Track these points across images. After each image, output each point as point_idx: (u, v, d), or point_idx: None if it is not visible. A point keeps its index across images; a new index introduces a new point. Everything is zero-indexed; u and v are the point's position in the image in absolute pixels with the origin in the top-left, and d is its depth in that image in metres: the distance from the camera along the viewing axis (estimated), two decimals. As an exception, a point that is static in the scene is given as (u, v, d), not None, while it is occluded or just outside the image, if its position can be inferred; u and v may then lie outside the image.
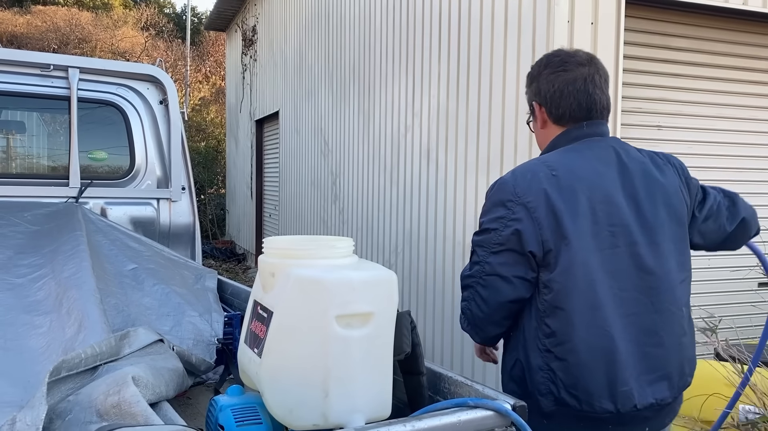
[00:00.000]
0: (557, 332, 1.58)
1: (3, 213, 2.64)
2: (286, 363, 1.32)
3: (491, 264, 1.62)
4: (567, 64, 1.76)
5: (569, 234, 1.58)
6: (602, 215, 1.62)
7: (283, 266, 1.36)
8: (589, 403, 1.56)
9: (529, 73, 1.88)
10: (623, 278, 1.61)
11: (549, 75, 1.77)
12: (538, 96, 1.80)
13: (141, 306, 2.36)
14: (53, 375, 1.22)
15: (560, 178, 1.63)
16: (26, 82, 2.89)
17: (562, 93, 1.74)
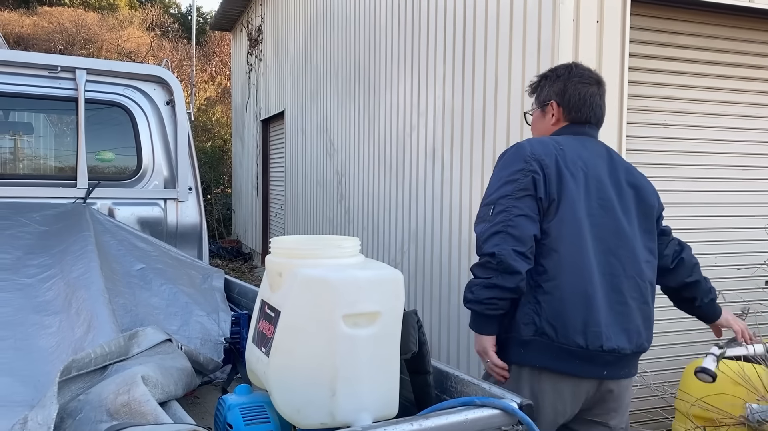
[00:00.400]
0: (549, 270, 1.87)
1: (12, 214, 2.66)
2: (294, 363, 1.32)
3: (518, 207, 1.87)
4: (591, 79, 2.15)
5: (569, 194, 1.90)
6: (594, 189, 1.95)
7: (291, 266, 1.37)
8: (564, 335, 1.84)
9: (548, 75, 2.20)
10: (604, 242, 1.92)
11: (578, 84, 2.12)
12: (560, 97, 2.13)
13: (149, 306, 2.38)
14: (64, 374, 1.23)
15: (566, 152, 1.97)
16: (34, 83, 2.90)
17: (585, 101, 2.11)
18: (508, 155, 2.00)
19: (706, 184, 3.85)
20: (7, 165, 3.21)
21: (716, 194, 3.88)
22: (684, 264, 2.27)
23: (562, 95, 2.13)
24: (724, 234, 3.91)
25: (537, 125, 2.23)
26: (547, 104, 2.16)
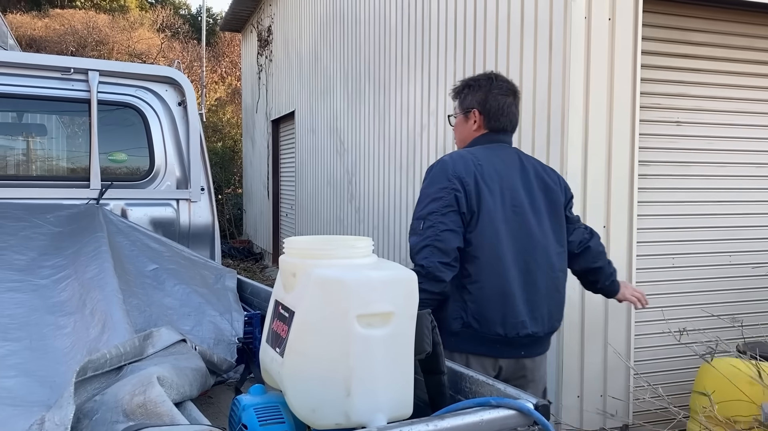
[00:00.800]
0: (472, 274, 2.18)
1: (26, 215, 2.67)
2: (308, 363, 1.32)
3: (444, 223, 2.16)
4: (509, 90, 2.42)
5: (486, 206, 2.20)
6: (508, 198, 2.25)
7: (304, 266, 1.37)
8: (486, 327, 2.18)
9: (471, 84, 2.45)
10: (519, 243, 2.24)
11: (498, 94, 2.39)
12: (481, 105, 2.39)
13: (162, 306, 2.39)
14: (80, 375, 1.24)
15: (483, 168, 2.24)
16: (47, 85, 2.92)
17: (503, 111, 2.39)
18: (434, 173, 2.26)
19: (720, 182, 3.82)
20: (21, 166, 3.23)
21: (730, 192, 3.85)
22: (590, 251, 2.54)
23: (483, 104, 2.40)
24: (738, 232, 3.88)
25: (459, 129, 2.51)
26: (470, 111, 2.43)
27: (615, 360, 3.45)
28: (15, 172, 3.17)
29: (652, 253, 3.66)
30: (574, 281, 3.33)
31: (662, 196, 3.69)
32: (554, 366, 3.37)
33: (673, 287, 3.74)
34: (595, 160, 3.34)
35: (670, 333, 3.72)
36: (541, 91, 3.48)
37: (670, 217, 3.72)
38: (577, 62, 3.30)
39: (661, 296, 3.68)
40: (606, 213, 3.38)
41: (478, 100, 2.40)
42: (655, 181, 3.65)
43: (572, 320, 3.34)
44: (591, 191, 3.34)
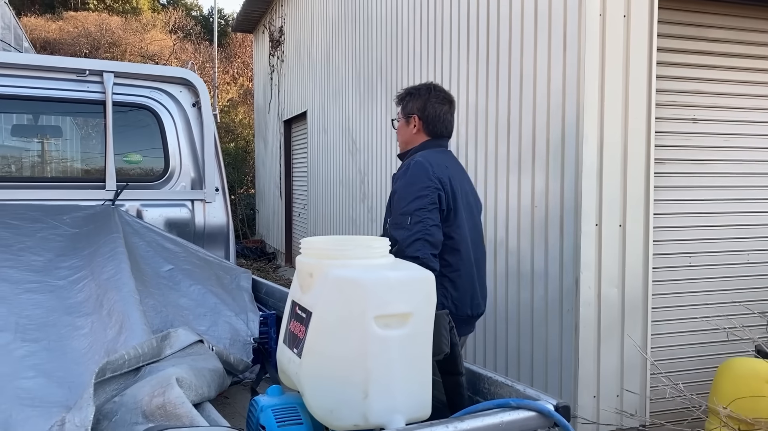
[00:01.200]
0: (453, 264, 2.48)
1: (42, 216, 2.69)
2: (326, 364, 1.32)
3: (431, 218, 2.40)
4: (445, 99, 2.71)
5: (458, 204, 2.52)
6: (463, 197, 2.57)
7: (321, 266, 1.36)
8: (462, 310, 2.50)
9: (412, 92, 2.74)
10: (473, 236, 2.61)
11: (435, 103, 2.67)
12: (421, 112, 2.67)
13: (178, 307, 2.40)
14: (98, 376, 1.24)
15: (450, 170, 2.56)
16: (62, 87, 2.94)
17: (440, 118, 2.67)
18: (414, 172, 2.49)
19: (737, 180, 3.78)
20: (37, 168, 3.25)
21: (747, 190, 3.80)
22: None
23: (422, 111, 2.68)
24: (756, 230, 3.83)
25: (401, 132, 2.79)
26: (411, 116, 2.71)
27: (632, 360, 3.42)
28: (31, 174, 3.19)
29: (669, 252, 3.63)
30: (591, 281, 3.32)
31: (679, 194, 3.65)
32: (570, 366, 3.35)
33: (689, 286, 3.70)
34: (610, 158, 3.31)
35: (685, 334, 3.69)
36: (556, 89, 3.46)
37: (686, 216, 3.68)
38: (592, 60, 3.27)
39: (678, 295, 3.65)
40: (622, 212, 3.35)
41: (418, 106, 2.70)
42: (672, 179, 3.62)
43: (588, 319, 3.32)
44: (606, 190, 3.31)
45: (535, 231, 3.63)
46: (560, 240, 3.42)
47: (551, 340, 3.51)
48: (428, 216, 2.39)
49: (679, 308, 3.66)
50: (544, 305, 3.55)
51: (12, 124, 3.19)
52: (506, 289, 3.90)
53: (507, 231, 3.89)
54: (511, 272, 3.86)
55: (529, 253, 3.68)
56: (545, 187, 3.54)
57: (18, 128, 3.23)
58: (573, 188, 3.32)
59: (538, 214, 3.61)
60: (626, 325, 3.42)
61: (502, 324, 3.92)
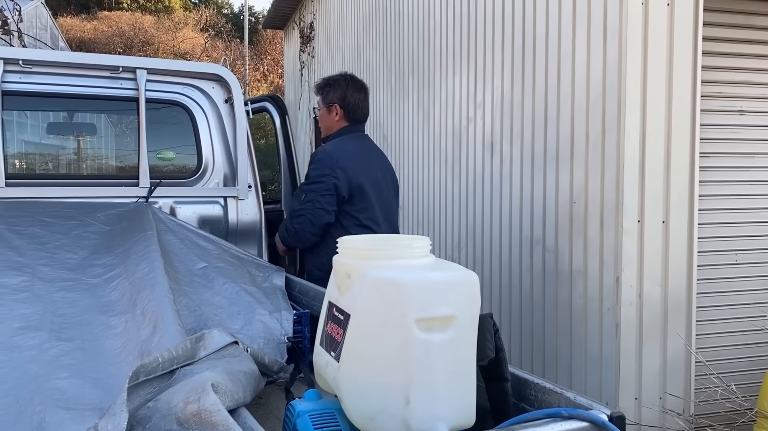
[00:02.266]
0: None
1: (77, 214, 2.69)
2: (366, 368, 1.26)
3: (320, 202, 2.89)
4: (362, 88, 3.23)
5: (365, 186, 2.96)
6: (372, 179, 3.01)
7: (359, 267, 1.31)
8: None
9: (332, 83, 3.17)
10: (384, 212, 3.10)
11: (354, 92, 3.16)
12: (342, 101, 3.12)
13: (212, 305, 2.37)
14: (132, 380, 1.21)
15: (357, 158, 2.98)
16: (96, 84, 2.93)
17: (358, 105, 3.15)
18: (319, 158, 2.98)
19: (787, 174, 3.62)
20: (72, 165, 3.26)
21: (798, 185, 3.64)
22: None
23: (343, 100, 3.10)
24: (807, 227, 3.67)
25: (324, 119, 3.17)
26: (333, 105, 3.11)
27: (675, 361, 3.31)
28: (66, 171, 3.21)
29: (714, 249, 3.49)
30: (632, 280, 3.21)
31: (725, 189, 3.52)
32: (611, 368, 3.24)
33: (736, 285, 3.56)
34: (653, 152, 3.19)
35: (733, 334, 3.55)
36: (596, 81, 3.34)
37: (733, 212, 3.54)
38: (634, 50, 3.15)
39: (724, 294, 3.52)
40: (665, 207, 3.23)
41: (339, 96, 3.10)
42: (717, 174, 3.48)
43: (629, 319, 3.21)
44: (649, 185, 3.19)
45: (574, 227, 3.52)
46: (600, 237, 3.31)
47: (590, 340, 3.40)
48: (318, 199, 2.90)
49: (726, 308, 3.52)
50: (583, 304, 3.45)
51: (47, 121, 3.21)
52: (543, 287, 3.80)
53: (544, 227, 3.79)
54: (549, 270, 3.76)
55: (567, 251, 3.58)
56: (584, 182, 3.43)
57: (52, 126, 3.24)
58: (614, 183, 3.21)
59: (576, 209, 3.50)
60: (669, 325, 3.30)
61: (539, 323, 3.83)
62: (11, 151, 3.04)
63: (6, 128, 2.90)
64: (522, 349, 4.02)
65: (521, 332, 4.03)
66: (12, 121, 3.07)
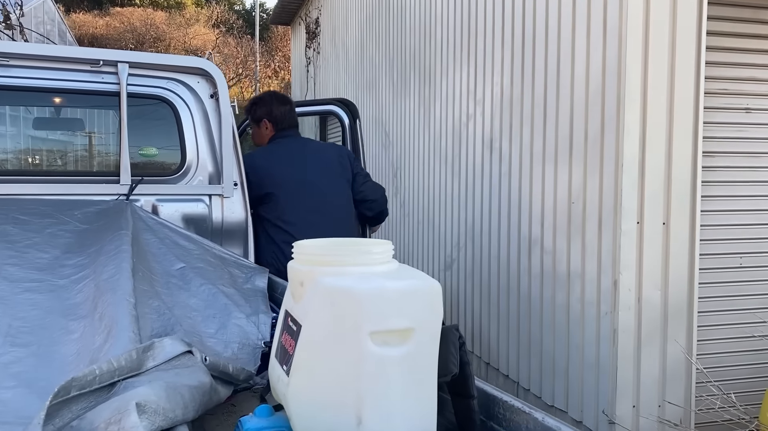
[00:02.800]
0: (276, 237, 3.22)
1: (53, 211, 2.61)
2: (315, 385, 1.17)
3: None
4: (286, 100, 3.54)
5: (282, 184, 3.26)
6: (291, 175, 3.29)
7: (313, 274, 1.21)
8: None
9: (257, 102, 3.56)
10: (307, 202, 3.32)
11: (279, 106, 3.47)
12: (269, 116, 3.46)
13: (187, 308, 2.28)
14: (60, 395, 1.12)
15: (277, 156, 3.34)
16: (76, 78, 2.85)
17: (285, 116, 3.47)
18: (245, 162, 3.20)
19: (795, 175, 3.48)
20: (50, 162, 3.19)
21: (806, 186, 3.50)
22: (370, 201, 3.66)
23: (270, 114, 3.44)
24: (816, 229, 3.53)
25: (256, 134, 3.54)
26: (261, 121, 3.46)
27: (675, 367, 3.19)
28: (44, 168, 3.13)
29: (717, 252, 3.36)
30: (631, 283, 3.09)
31: (729, 190, 3.39)
32: (608, 374, 3.13)
33: (740, 289, 3.43)
34: (653, 150, 3.07)
35: (737, 340, 3.42)
36: (595, 77, 3.22)
37: (737, 213, 3.41)
38: (634, 45, 3.03)
39: (727, 299, 3.39)
40: (665, 208, 3.10)
41: (266, 111, 3.43)
42: (721, 174, 3.35)
43: (627, 323, 3.09)
44: (649, 185, 3.06)
45: (572, 228, 3.41)
46: (598, 238, 3.19)
47: (587, 344, 3.29)
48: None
49: (729, 313, 3.40)
50: (581, 307, 3.34)
51: (25, 116, 3.13)
52: (541, 289, 3.69)
53: (542, 228, 3.68)
54: (546, 271, 3.65)
55: (565, 252, 3.46)
56: (583, 181, 3.31)
57: (30, 121, 3.16)
58: (613, 183, 3.09)
59: (575, 210, 3.39)
60: (669, 330, 3.18)
61: (536, 326, 3.72)
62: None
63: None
64: (519, 353, 3.92)
65: (519, 334, 3.92)
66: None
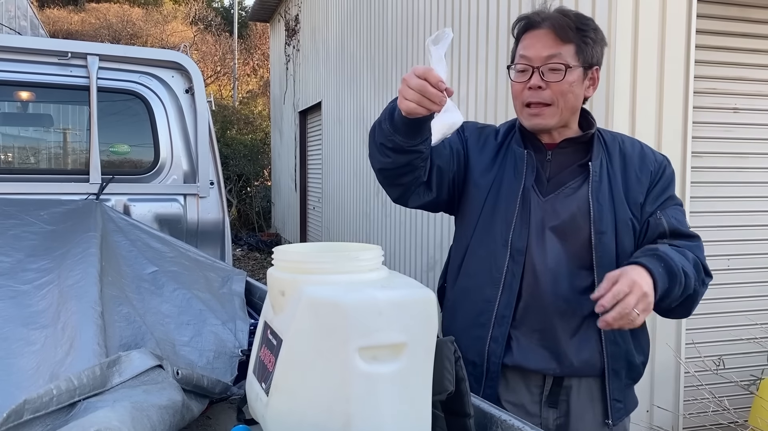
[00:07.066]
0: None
1: (18, 212, 2.46)
2: (297, 406, 1.06)
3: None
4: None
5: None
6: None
7: (295, 283, 1.10)
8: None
9: (596, 28, 1.69)
10: None
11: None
12: (600, 64, 1.71)
13: (159, 314, 2.15)
14: (11, 420, 0.99)
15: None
16: (43, 71, 2.71)
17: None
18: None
19: (783, 175, 3.45)
20: (15, 159, 3.03)
21: (794, 186, 3.47)
22: None
23: (601, 57, 1.94)
24: (803, 231, 3.50)
25: (578, 95, 1.96)
26: (588, 68, 1.91)
27: (663, 372, 3.13)
28: (7, 166, 2.97)
29: (705, 254, 3.31)
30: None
31: (717, 191, 3.34)
32: (596, 379, 3.05)
33: (728, 292, 3.39)
34: (643, 150, 3.00)
35: (724, 343, 3.38)
36: (583, 75, 3.15)
37: (726, 214, 3.36)
38: (623, 43, 2.96)
39: (714, 302, 3.34)
40: (655, 210, 3.04)
41: (601, 53, 1.87)
42: (710, 175, 3.30)
43: (616, 328, 3.02)
44: (638, 186, 3.00)
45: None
46: (586, 240, 3.12)
47: (575, 349, 3.21)
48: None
49: (716, 315, 3.35)
50: (568, 311, 3.26)
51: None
52: (526, 292, 3.61)
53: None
54: (532, 274, 3.57)
55: (551, 254, 3.39)
56: (570, 182, 3.24)
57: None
58: (601, 184, 3.02)
59: (561, 211, 3.31)
60: (658, 334, 3.12)
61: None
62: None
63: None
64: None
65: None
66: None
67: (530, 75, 1.63)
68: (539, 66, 1.61)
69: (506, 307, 1.65)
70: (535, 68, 1.61)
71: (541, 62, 1.61)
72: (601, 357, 1.65)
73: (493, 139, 1.80)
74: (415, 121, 1.45)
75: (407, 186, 1.68)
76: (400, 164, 1.57)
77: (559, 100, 1.62)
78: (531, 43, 1.64)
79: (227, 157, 12.79)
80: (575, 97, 1.64)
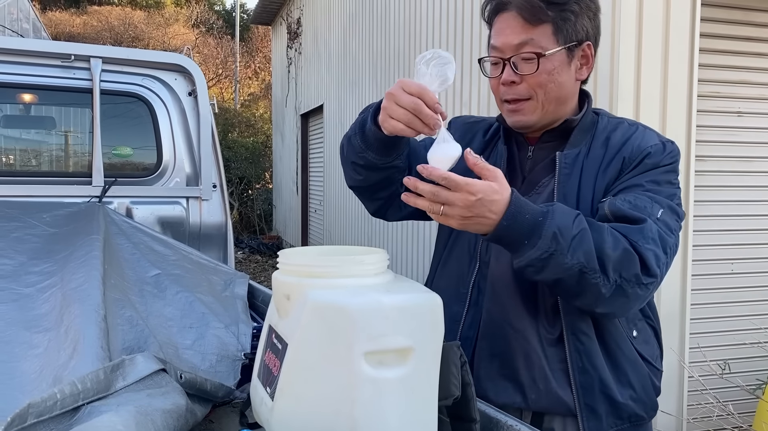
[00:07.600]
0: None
1: (21, 214, 2.46)
2: (303, 411, 1.05)
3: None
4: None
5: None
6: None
7: (300, 287, 1.09)
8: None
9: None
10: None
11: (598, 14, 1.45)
12: (596, 37, 1.44)
13: (161, 317, 2.14)
14: (15, 424, 0.99)
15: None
16: (46, 73, 2.70)
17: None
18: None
19: (787, 179, 3.44)
20: (18, 162, 3.03)
21: (798, 190, 3.46)
22: None
23: (597, 33, 1.58)
24: (807, 235, 3.49)
25: (567, 81, 1.58)
26: (576, 45, 1.57)
27: (667, 377, 3.11)
28: (10, 168, 2.97)
29: (709, 258, 3.31)
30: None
31: (721, 195, 3.33)
32: (599, 383, 3.04)
33: (732, 296, 3.38)
34: (646, 154, 3.00)
35: (729, 347, 3.36)
36: (586, 78, 3.15)
37: (729, 218, 3.36)
38: (627, 46, 2.96)
39: (719, 305, 3.33)
40: (658, 213, 3.03)
41: (596, 26, 1.48)
42: (714, 178, 3.30)
43: (619, 332, 3.01)
44: (642, 189, 2.99)
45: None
46: (589, 244, 3.11)
47: (578, 353, 3.20)
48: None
49: (721, 319, 3.34)
50: (571, 315, 3.25)
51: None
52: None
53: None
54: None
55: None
56: (573, 185, 3.23)
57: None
58: (605, 187, 3.01)
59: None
60: (663, 338, 3.10)
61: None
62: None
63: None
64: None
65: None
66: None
67: (502, 68, 1.40)
68: (510, 57, 1.38)
69: (470, 327, 1.44)
70: (506, 61, 1.39)
71: (512, 51, 1.37)
72: (570, 389, 1.36)
73: (481, 135, 1.58)
74: (391, 138, 1.30)
75: (385, 200, 1.54)
76: (375, 181, 1.45)
77: (537, 93, 1.38)
78: (500, 29, 1.40)
79: (229, 160, 12.80)
80: (558, 85, 1.38)
